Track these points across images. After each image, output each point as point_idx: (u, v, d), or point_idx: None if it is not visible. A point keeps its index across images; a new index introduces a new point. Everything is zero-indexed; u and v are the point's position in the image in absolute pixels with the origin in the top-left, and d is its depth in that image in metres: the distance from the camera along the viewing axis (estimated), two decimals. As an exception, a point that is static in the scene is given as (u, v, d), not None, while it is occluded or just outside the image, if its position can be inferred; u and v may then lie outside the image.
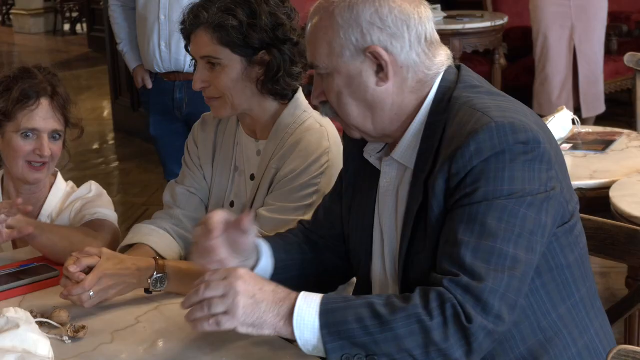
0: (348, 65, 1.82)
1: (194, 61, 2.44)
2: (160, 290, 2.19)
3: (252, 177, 2.46)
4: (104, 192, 2.81)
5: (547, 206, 1.72)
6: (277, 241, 2.08)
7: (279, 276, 2.00)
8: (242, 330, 1.71)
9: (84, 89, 10.20)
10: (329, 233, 2.12)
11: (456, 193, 1.72)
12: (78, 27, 15.04)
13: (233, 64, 2.33)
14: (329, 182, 2.32)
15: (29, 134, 2.60)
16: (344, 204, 2.08)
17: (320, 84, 1.89)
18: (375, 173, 1.98)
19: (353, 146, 2.05)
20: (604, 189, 3.15)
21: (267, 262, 2.02)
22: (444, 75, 1.86)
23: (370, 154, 1.98)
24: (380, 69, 1.82)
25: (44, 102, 2.60)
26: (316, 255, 2.12)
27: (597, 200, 3.17)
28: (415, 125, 1.86)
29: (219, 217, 1.87)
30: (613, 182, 3.16)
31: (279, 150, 2.38)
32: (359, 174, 2.04)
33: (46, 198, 2.75)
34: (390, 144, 1.94)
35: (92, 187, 2.80)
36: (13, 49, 14.19)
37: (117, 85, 7.90)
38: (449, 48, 6.57)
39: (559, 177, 1.77)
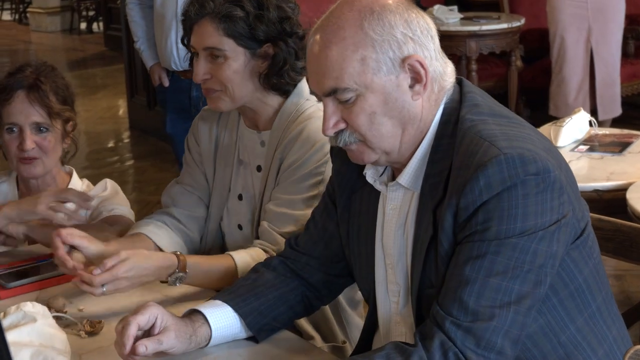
0: (384, 81, 1.73)
1: (189, 54, 2.42)
2: (177, 285, 2.19)
3: (259, 169, 2.44)
4: (120, 189, 2.82)
5: (558, 235, 1.69)
6: (243, 293, 2.01)
7: (258, 324, 1.97)
8: None
9: (100, 87, 10.23)
10: (324, 253, 2.06)
11: (466, 229, 1.68)
12: (94, 25, 15.08)
13: (237, 55, 2.30)
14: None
15: (12, 128, 2.61)
16: (342, 228, 2.01)
17: (337, 111, 1.78)
18: (374, 197, 1.92)
19: (347, 169, 1.97)
20: (621, 191, 3.15)
21: (228, 324, 1.96)
22: (448, 94, 1.81)
23: (374, 178, 1.90)
24: (415, 81, 1.75)
25: (20, 95, 2.59)
26: (301, 281, 2.06)
27: (613, 201, 3.17)
28: (423, 148, 1.80)
29: (132, 331, 1.82)
30: (630, 184, 3.16)
31: (282, 139, 2.36)
32: (354, 197, 1.98)
33: (62, 197, 2.75)
34: (394, 168, 1.88)
35: (108, 185, 2.81)
36: (29, 47, 14.24)
37: (133, 83, 7.91)
38: (466, 50, 6.53)
39: (570, 200, 1.73)
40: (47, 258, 2.50)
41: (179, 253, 2.20)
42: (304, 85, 2.41)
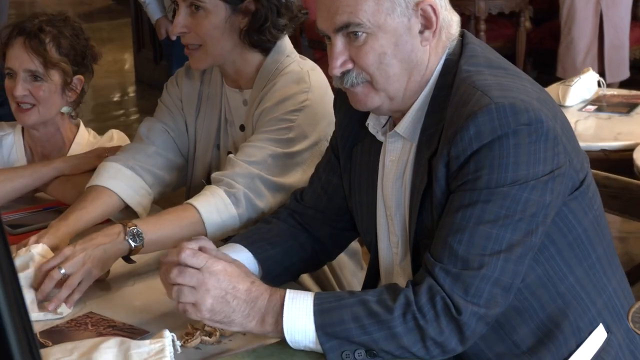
0: (397, 22, 1.73)
1: (172, 6, 2.38)
2: (142, 245, 2.06)
3: (242, 128, 2.41)
4: (127, 139, 2.81)
5: (552, 186, 1.68)
6: (259, 240, 2.00)
7: (272, 273, 1.97)
8: (209, 323, 1.71)
9: (106, 41, 10.18)
10: (328, 206, 2.07)
11: (458, 178, 1.68)
12: (101, -21, 15.00)
13: (217, 9, 2.27)
14: (307, 121, 2.26)
15: (10, 73, 2.59)
16: (344, 180, 2.02)
17: (345, 51, 1.77)
18: (375, 149, 1.93)
19: (349, 120, 1.98)
20: (628, 151, 3.16)
21: (250, 270, 1.89)
22: (451, 45, 1.81)
23: (376, 129, 1.91)
24: (425, 27, 1.76)
25: (19, 41, 2.56)
26: (309, 235, 2.07)
27: (620, 162, 3.18)
28: (422, 98, 1.80)
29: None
30: (637, 144, 3.16)
31: (261, 97, 2.34)
32: (356, 149, 1.99)
33: (69, 148, 2.74)
34: (394, 118, 1.88)
35: (115, 136, 2.81)
36: (35, -1, 14.18)
37: (140, 37, 7.89)
38: (475, 9, 6.48)
39: (566, 150, 1.72)
40: (53, 206, 2.52)
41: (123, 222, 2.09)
42: (284, 43, 2.38)
